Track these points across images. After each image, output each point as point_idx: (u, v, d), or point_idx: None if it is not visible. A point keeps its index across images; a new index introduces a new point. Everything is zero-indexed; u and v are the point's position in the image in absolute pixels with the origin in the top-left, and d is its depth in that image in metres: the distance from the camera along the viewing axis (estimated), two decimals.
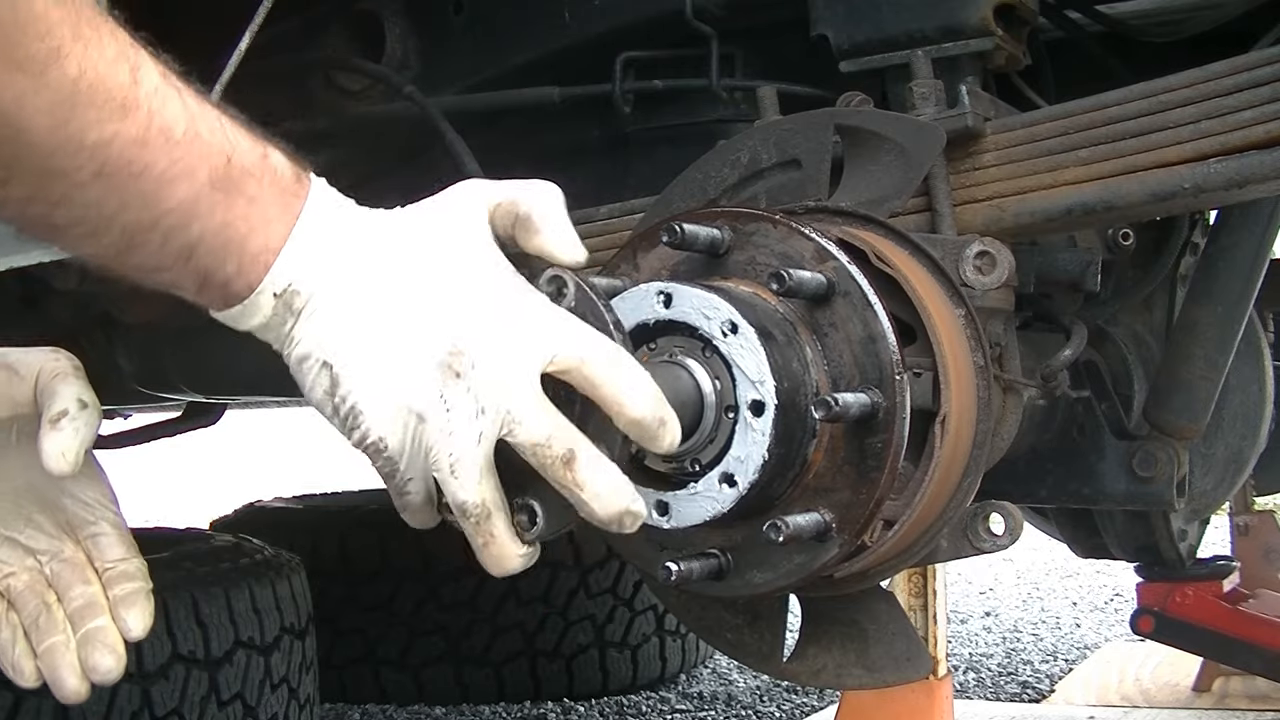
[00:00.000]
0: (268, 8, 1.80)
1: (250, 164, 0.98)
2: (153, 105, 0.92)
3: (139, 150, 0.92)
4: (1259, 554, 3.58)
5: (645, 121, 2.02)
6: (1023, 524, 1.35)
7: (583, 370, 1.00)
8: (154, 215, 0.95)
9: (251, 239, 0.98)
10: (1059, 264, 1.65)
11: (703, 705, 3.90)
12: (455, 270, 1.02)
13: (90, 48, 0.90)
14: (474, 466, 0.99)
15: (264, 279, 0.99)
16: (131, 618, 1.13)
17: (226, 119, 0.99)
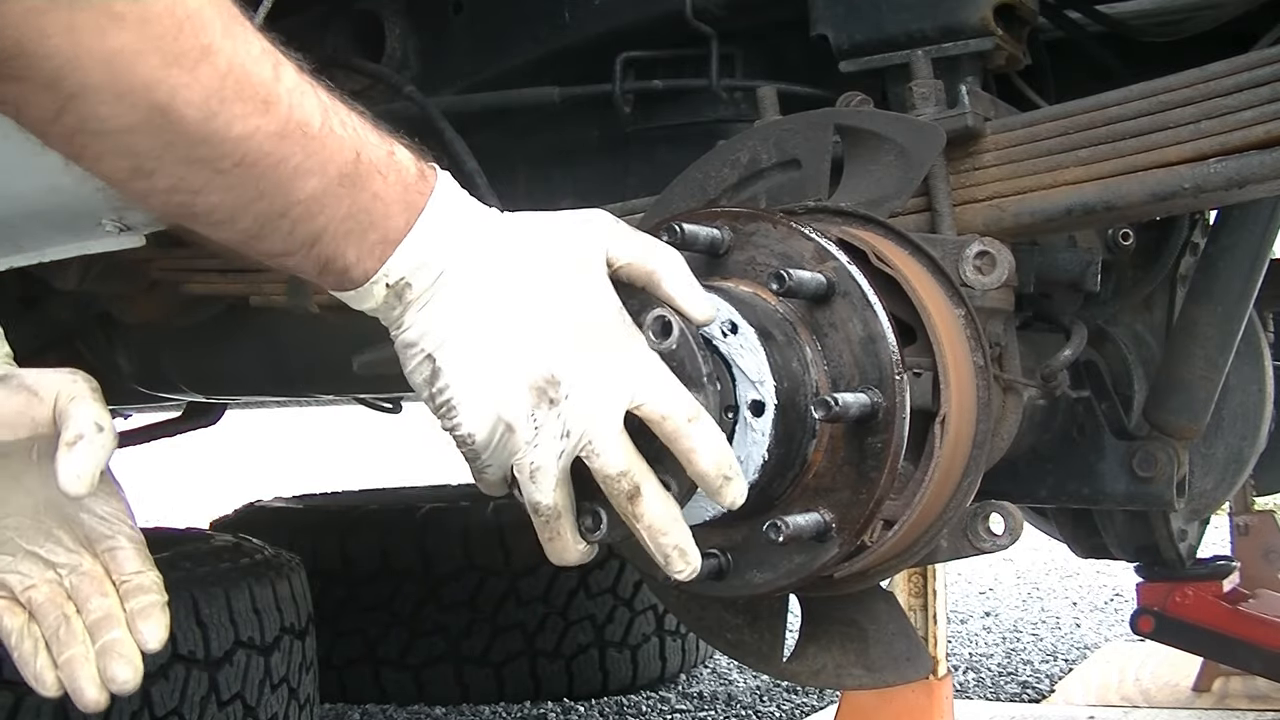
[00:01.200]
0: (268, 8, 1.80)
1: (377, 160, 1.03)
2: (292, 100, 0.98)
3: (278, 143, 0.97)
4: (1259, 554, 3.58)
5: (645, 121, 2.02)
6: (1023, 524, 1.35)
7: (664, 425, 1.05)
8: (285, 204, 1.00)
9: (371, 232, 1.03)
10: (1059, 264, 1.65)
11: (703, 705, 3.90)
12: (563, 295, 1.07)
13: (239, 44, 0.94)
14: (551, 477, 1.05)
15: (379, 270, 1.05)
16: (148, 630, 1.16)
17: (356, 115, 1.04)
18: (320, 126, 0.99)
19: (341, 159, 1.01)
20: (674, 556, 1.08)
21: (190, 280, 2.12)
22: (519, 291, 1.06)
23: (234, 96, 0.94)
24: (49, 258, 1.97)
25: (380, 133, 1.05)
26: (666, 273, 1.11)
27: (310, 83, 1.01)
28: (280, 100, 0.97)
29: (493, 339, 1.05)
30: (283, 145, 0.97)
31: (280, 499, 4.43)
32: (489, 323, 1.05)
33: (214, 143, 0.95)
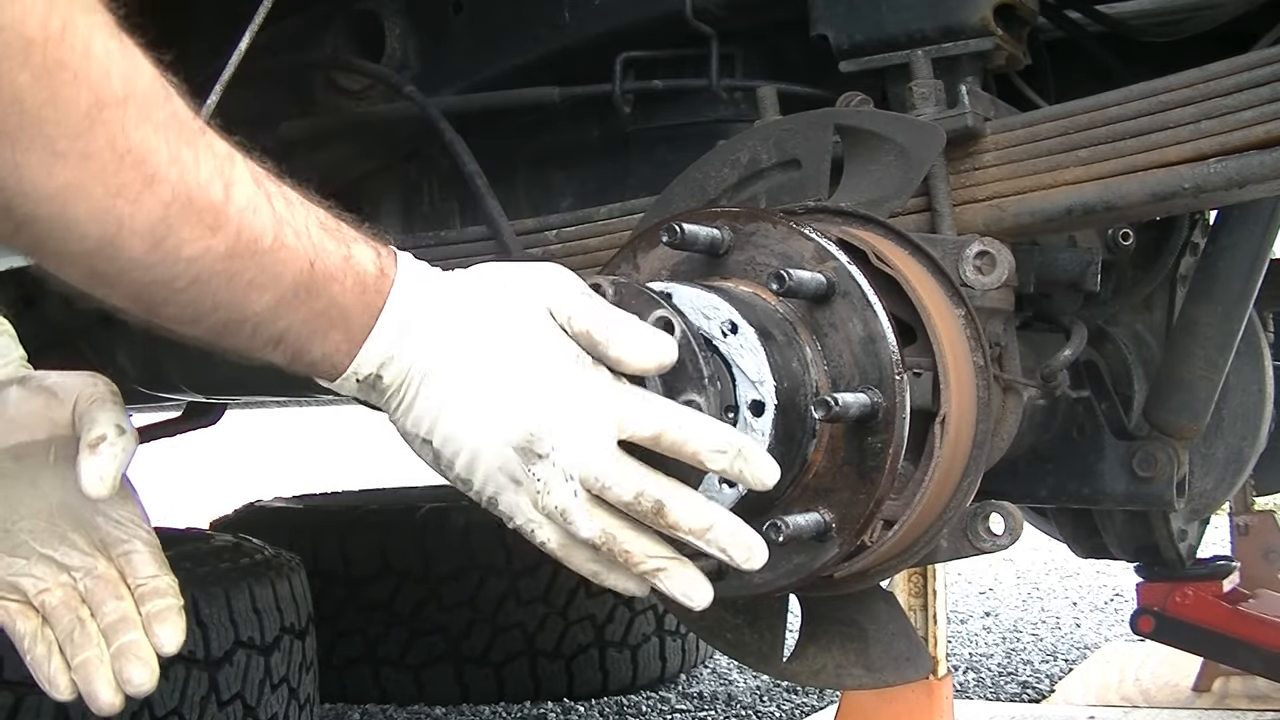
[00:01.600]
0: (268, 8, 1.80)
1: (333, 266, 1.05)
2: (243, 219, 0.99)
3: (228, 262, 0.99)
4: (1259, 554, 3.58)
5: (645, 121, 2.02)
6: (1023, 524, 1.35)
7: (660, 442, 1.07)
8: (243, 314, 1.03)
9: (333, 334, 1.07)
10: (1059, 264, 1.65)
11: (703, 705, 3.90)
12: (523, 356, 1.09)
13: (185, 169, 0.96)
14: (580, 511, 1.07)
15: (348, 368, 1.08)
16: (164, 633, 1.17)
17: (313, 218, 1.06)
18: (272, 241, 1.01)
19: (295, 270, 1.03)
20: (732, 548, 1.08)
21: None
22: (483, 363, 1.08)
23: (180, 222, 0.96)
24: None
25: (339, 233, 1.07)
26: (600, 332, 1.10)
27: (268, 190, 1.03)
28: (229, 220, 0.98)
29: (471, 413, 1.08)
30: (233, 263, 0.99)
31: (280, 499, 4.43)
32: (464, 399, 1.08)
33: (165, 265, 0.97)
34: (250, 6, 1.80)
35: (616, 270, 1.33)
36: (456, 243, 1.95)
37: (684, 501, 1.07)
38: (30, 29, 0.87)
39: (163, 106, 0.95)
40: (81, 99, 0.90)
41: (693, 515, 1.07)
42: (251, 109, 2.17)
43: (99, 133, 0.91)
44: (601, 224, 1.80)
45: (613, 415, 1.07)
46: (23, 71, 0.87)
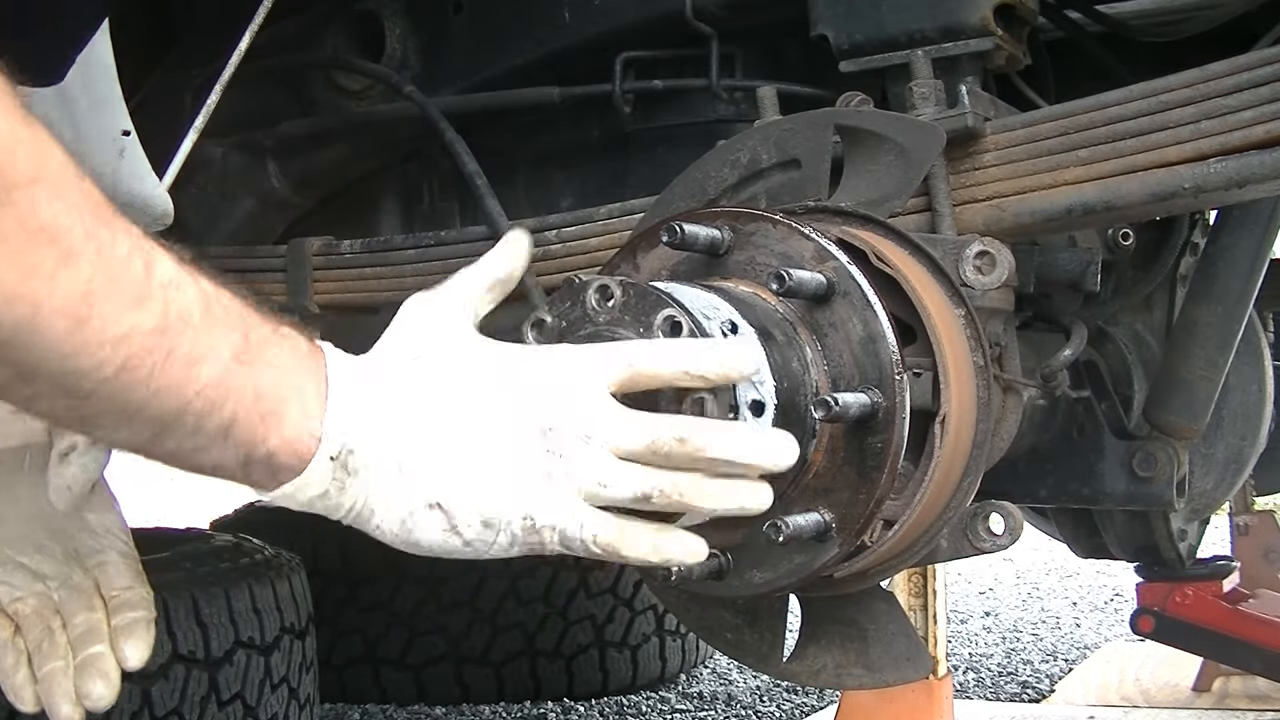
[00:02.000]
0: (268, 8, 1.80)
1: (267, 335, 0.99)
2: (168, 294, 0.93)
3: (159, 338, 0.93)
4: (1259, 554, 3.58)
5: (645, 121, 2.02)
6: (1023, 524, 1.35)
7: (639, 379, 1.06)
8: (184, 399, 0.95)
9: (288, 408, 0.98)
10: (1059, 264, 1.65)
11: (703, 705, 3.90)
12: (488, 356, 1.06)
13: (103, 247, 0.90)
14: (613, 471, 1.03)
15: (317, 447, 0.99)
16: (130, 647, 1.15)
17: (237, 297, 1.00)
18: (203, 313, 0.95)
19: (232, 340, 0.96)
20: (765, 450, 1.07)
21: None
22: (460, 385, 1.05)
23: (103, 298, 0.90)
24: None
25: (263, 311, 1.01)
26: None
27: (190, 273, 0.96)
28: (154, 295, 0.93)
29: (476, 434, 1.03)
30: (165, 339, 0.93)
31: None
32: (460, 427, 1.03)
33: (90, 349, 0.91)
34: (250, 6, 1.80)
35: (616, 270, 1.33)
36: (456, 243, 1.95)
37: (700, 426, 1.05)
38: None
39: (75, 187, 0.90)
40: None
41: (716, 434, 1.05)
42: (251, 109, 2.17)
43: (7, 214, 0.86)
44: (601, 224, 1.80)
45: (592, 368, 1.05)
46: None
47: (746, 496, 1.08)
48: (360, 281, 2.00)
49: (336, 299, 2.02)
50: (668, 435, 1.03)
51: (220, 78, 1.85)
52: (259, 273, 2.06)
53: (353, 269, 2.01)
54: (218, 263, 2.11)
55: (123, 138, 1.70)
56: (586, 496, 1.03)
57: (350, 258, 2.01)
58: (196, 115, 1.87)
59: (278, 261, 2.05)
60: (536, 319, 1.20)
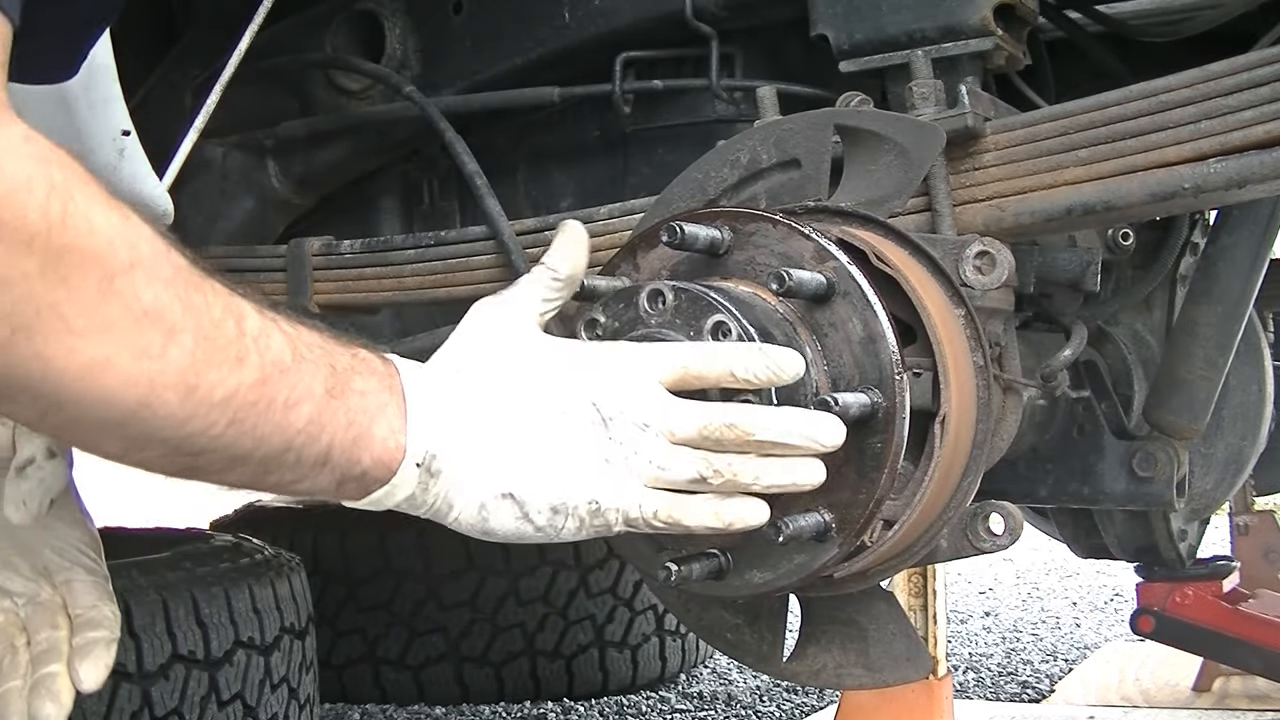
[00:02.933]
0: (268, 8, 1.80)
1: (349, 363, 1.06)
2: (260, 346, 1.00)
3: (261, 389, 0.99)
4: (1259, 554, 3.58)
5: (645, 121, 2.02)
6: (1023, 524, 1.35)
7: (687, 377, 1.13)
8: (287, 439, 1.02)
9: (376, 427, 1.06)
10: (1059, 264, 1.65)
11: (703, 705, 3.90)
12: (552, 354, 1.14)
13: (200, 315, 0.96)
14: (671, 454, 1.11)
15: (403, 459, 1.07)
16: (85, 668, 1.14)
17: (314, 331, 1.07)
18: (293, 358, 1.02)
19: (321, 376, 1.03)
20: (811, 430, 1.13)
21: None
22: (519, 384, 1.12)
23: (207, 365, 0.96)
24: None
25: (339, 338, 1.08)
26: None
27: (272, 317, 1.03)
28: (250, 350, 0.99)
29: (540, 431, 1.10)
30: (266, 389, 0.99)
31: (280, 499, 4.43)
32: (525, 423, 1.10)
33: (201, 412, 0.97)
34: (250, 6, 1.80)
35: (616, 270, 1.33)
36: (456, 242, 1.95)
37: (748, 411, 1.12)
38: (32, 221, 0.87)
39: (167, 261, 0.95)
40: (91, 276, 0.90)
41: (764, 417, 1.12)
42: (251, 109, 2.17)
43: (114, 303, 0.91)
44: (601, 224, 1.80)
45: (645, 363, 1.12)
46: (29, 262, 0.87)
47: (799, 472, 1.14)
48: (360, 281, 2.00)
49: (336, 299, 2.02)
50: (718, 420, 1.10)
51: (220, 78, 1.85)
52: (259, 273, 2.06)
53: (353, 269, 2.01)
54: (218, 263, 2.11)
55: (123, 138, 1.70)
56: (647, 480, 1.11)
57: (350, 258, 2.01)
58: (196, 115, 1.87)
59: (278, 261, 2.05)
60: (590, 318, 1.25)
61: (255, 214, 2.23)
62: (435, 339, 2.02)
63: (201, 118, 1.87)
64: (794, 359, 1.14)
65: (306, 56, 2.17)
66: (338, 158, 2.20)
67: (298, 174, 2.21)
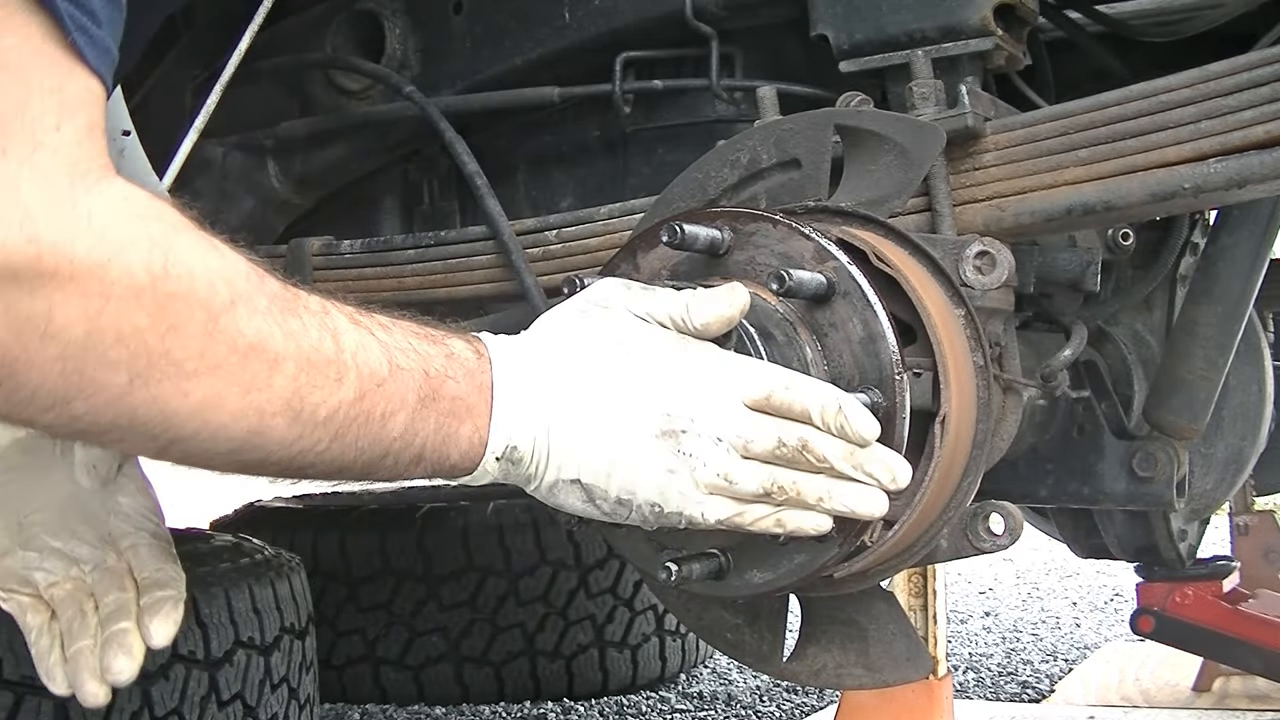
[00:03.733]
0: (268, 8, 1.80)
1: (441, 367, 1.11)
2: (358, 361, 1.04)
3: (359, 404, 1.04)
4: (1259, 554, 3.58)
5: (645, 121, 2.02)
6: (1023, 524, 1.35)
7: (770, 402, 1.14)
8: (384, 446, 1.07)
9: (463, 429, 1.11)
10: (1059, 264, 1.65)
11: (703, 705, 3.90)
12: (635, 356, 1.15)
13: (298, 339, 1.00)
14: (739, 467, 1.13)
15: (485, 453, 1.13)
16: (155, 624, 1.18)
17: (409, 333, 1.11)
18: (389, 369, 1.06)
19: (415, 386, 1.08)
20: (876, 469, 1.15)
21: None
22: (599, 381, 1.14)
23: (310, 388, 1.01)
24: None
25: (433, 335, 1.12)
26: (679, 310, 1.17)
27: (366, 325, 1.06)
28: (348, 367, 1.03)
29: (609, 430, 1.13)
30: (364, 404, 1.04)
31: (280, 499, 4.42)
32: (597, 422, 1.13)
33: (307, 433, 1.02)
34: (250, 6, 1.80)
35: (616, 270, 1.33)
36: (456, 242, 1.95)
37: (822, 436, 1.14)
38: (138, 278, 0.91)
39: (262, 292, 0.99)
40: (197, 319, 0.94)
41: (835, 444, 1.14)
42: (251, 109, 2.17)
43: (220, 342, 0.95)
44: (601, 224, 1.80)
45: (730, 379, 1.14)
46: (139, 316, 0.91)
47: (862, 499, 1.16)
48: (360, 281, 2.00)
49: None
50: (794, 440, 1.13)
51: (220, 78, 1.85)
52: None
53: (353, 269, 2.01)
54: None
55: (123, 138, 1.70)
56: (712, 490, 1.13)
57: (350, 258, 2.01)
58: (196, 115, 1.87)
59: (278, 261, 2.05)
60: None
61: (255, 214, 2.23)
62: None
63: (201, 118, 1.87)
64: (871, 428, 1.15)
65: (306, 56, 2.17)
66: (338, 158, 2.20)
67: (298, 174, 2.21)
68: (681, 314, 1.16)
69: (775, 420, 1.14)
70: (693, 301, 1.16)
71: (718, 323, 1.16)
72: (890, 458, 1.17)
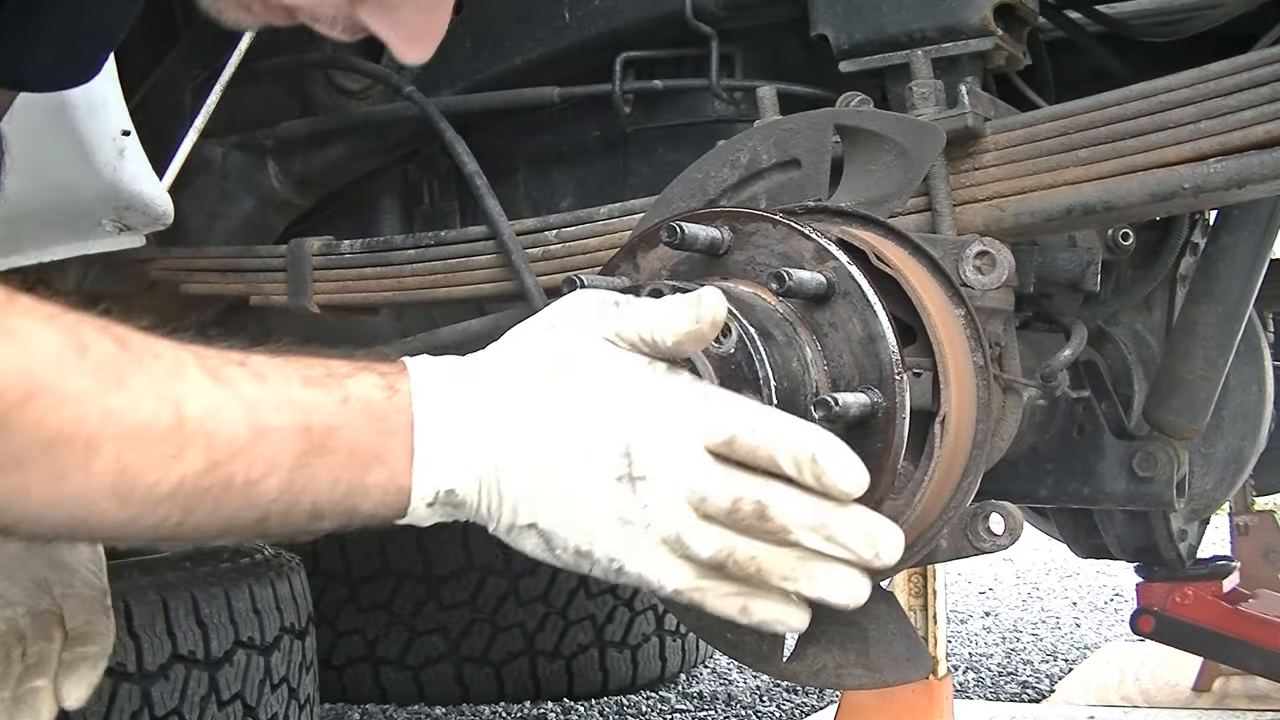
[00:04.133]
0: None
1: (329, 417, 0.98)
2: (207, 428, 0.93)
3: (212, 474, 0.93)
4: (1259, 554, 3.58)
5: (645, 121, 2.02)
6: (1023, 524, 1.35)
7: (734, 448, 1.00)
8: (261, 510, 0.96)
9: (370, 478, 0.99)
10: (1059, 264, 1.65)
11: (703, 705, 3.90)
12: (597, 386, 1.02)
13: (123, 418, 0.90)
14: (691, 528, 0.99)
15: (411, 500, 1.00)
16: (69, 685, 1.14)
17: (293, 380, 0.98)
18: (250, 429, 0.94)
19: (291, 444, 0.96)
20: (854, 542, 1.00)
21: (190, 280, 2.12)
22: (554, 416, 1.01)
23: (139, 469, 0.91)
24: (49, 258, 1.97)
25: (328, 379, 0.99)
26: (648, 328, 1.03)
27: (230, 383, 0.95)
28: (192, 437, 0.92)
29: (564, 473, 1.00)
30: (219, 473, 0.93)
31: None
32: (551, 465, 1.00)
33: (146, 511, 0.92)
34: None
35: (616, 270, 1.33)
36: (456, 242, 1.95)
37: (786, 500, 0.99)
38: None
39: (76, 373, 0.90)
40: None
41: (799, 513, 0.99)
42: (251, 109, 2.17)
43: (15, 437, 0.88)
44: (601, 224, 1.80)
45: (695, 421, 1.00)
46: None
47: (834, 586, 1.02)
48: (360, 281, 2.00)
49: (336, 299, 2.02)
50: (750, 502, 0.98)
51: (220, 78, 1.85)
52: (259, 272, 2.06)
53: (353, 269, 2.01)
54: (218, 262, 2.11)
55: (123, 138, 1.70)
56: (670, 548, 1.00)
57: (350, 258, 2.01)
58: (196, 115, 1.87)
59: (278, 261, 2.05)
60: None
61: (255, 214, 2.23)
62: (435, 339, 2.03)
63: (201, 118, 1.87)
64: (856, 479, 1.00)
65: (306, 56, 2.17)
66: (338, 158, 2.20)
67: (298, 174, 2.21)
68: (650, 334, 1.01)
69: (735, 474, 0.99)
70: (660, 319, 1.01)
71: (690, 340, 1.02)
72: (874, 524, 1.01)
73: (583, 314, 1.04)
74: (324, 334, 2.18)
